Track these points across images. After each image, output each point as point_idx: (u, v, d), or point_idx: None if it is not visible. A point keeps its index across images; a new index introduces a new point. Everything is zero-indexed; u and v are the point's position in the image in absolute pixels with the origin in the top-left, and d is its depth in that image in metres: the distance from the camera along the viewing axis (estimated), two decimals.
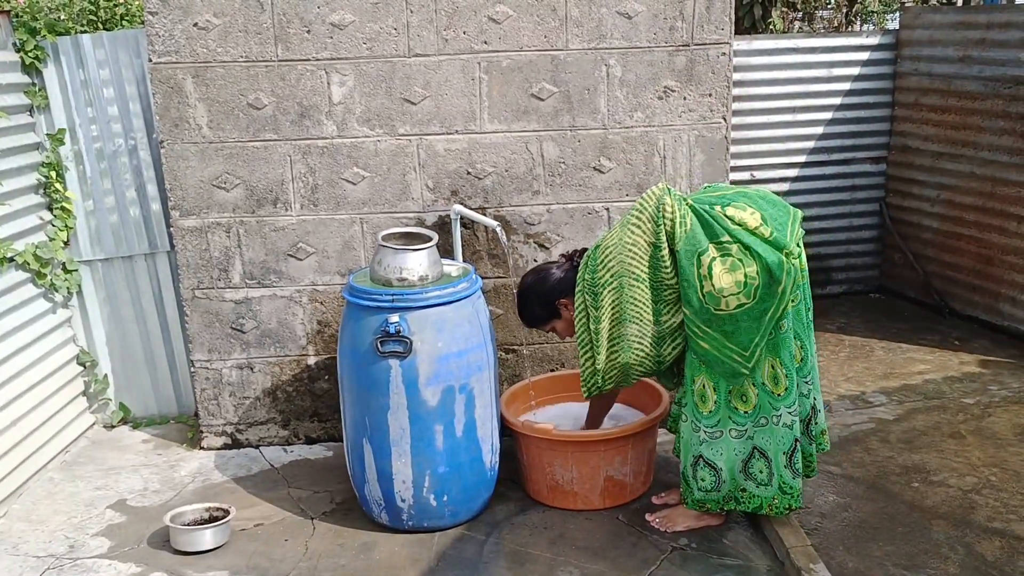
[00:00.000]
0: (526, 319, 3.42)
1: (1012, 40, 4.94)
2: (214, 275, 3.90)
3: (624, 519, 3.37)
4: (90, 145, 4.06)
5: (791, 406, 3.00)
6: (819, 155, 5.83)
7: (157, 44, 3.65)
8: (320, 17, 3.64)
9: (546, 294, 3.29)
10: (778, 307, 2.88)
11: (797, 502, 3.08)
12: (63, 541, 3.36)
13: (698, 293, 2.90)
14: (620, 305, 3.02)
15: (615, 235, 3.04)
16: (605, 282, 3.02)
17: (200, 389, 4.04)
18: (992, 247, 5.20)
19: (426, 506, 3.27)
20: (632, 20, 3.69)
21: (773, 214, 2.94)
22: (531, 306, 3.35)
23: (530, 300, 3.35)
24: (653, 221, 2.96)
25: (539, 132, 3.80)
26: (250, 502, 3.59)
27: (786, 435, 3.02)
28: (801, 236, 2.98)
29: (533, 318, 3.39)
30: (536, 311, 3.35)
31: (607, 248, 3.04)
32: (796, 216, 3.01)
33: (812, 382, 3.13)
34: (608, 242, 3.04)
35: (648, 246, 2.97)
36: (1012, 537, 3.13)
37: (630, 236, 2.99)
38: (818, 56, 5.68)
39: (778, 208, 2.98)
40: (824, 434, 3.23)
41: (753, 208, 2.93)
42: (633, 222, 3.00)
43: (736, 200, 2.97)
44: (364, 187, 3.83)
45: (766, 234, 2.88)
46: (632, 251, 2.99)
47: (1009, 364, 4.74)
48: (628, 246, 2.99)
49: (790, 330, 2.95)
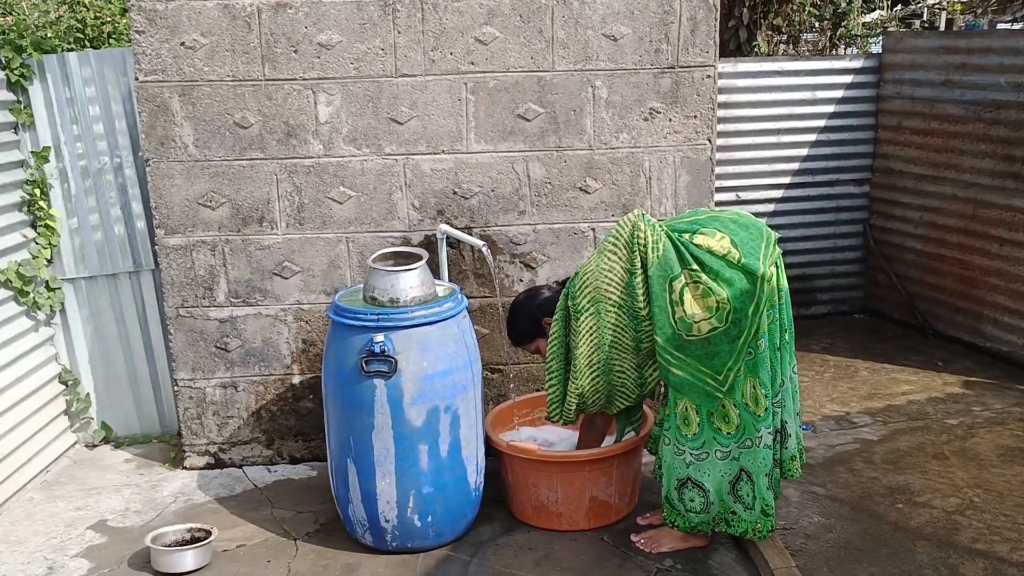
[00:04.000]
0: (513, 336, 3.45)
1: (992, 65, 5.01)
2: (199, 293, 3.89)
3: (609, 540, 3.36)
4: (75, 163, 4.05)
5: (770, 427, 3.00)
6: (803, 177, 5.87)
7: (144, 63, 3.65)
8: (307, 37, 3.65)
9: (533, 311, 3.35)
10: (750, 330, 2.89)
11: (775, 522, 3.10)
12: (42, 562, 3.32)
13: (670, 319, 2.92)
14: (599, 331, 3.04)
15: (593, 261, 3.07)
16: (583, 308, 3.05)
17: (183, 408, 4.01)
18: (975, 268, 5.24)
19: (410, 527, 3.25)
20: (618, 42, 3.72)
21: (744, 237, 2.94)
22: (518, 322, 3.40)
23: (519, 317, 3.40)
24: (628, 247, 2.99)
25: (525, 152, 3.82)
26: (233, 522, 3.56)
27: (766, 456, 3.02)
28: (777, 256, 2.99)
29: (520, 335, 3.43)
30: (522, 327, 3.40)
31: (585, 274, 3.07)
32: (770, 238, 3.01)
33: (781, 405, 3.07)
34: (587, 268, 3.08)
35: (624, 272, 3.00)
36: (995, 559, 3.13)
37: (607, 262, 3.02)
38: (802, 79, 5.73)
39: (750, 231, 2.98)
40: (794, 460, 3.16)
41: (723, 233, 2.94)
42: (610, 248, 3.03)
43: (708, 225, 2.99)
44: (350, 206, 3.83)
45: (735, 259, 2.89)
46: (608, 277, 3.01)
47: (992, 385, 4.77)
48: (604, 272, 3.02)
49: (767, 350, 2.96)
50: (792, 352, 3.10)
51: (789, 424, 3.12)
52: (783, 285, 3.01)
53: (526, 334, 3.41)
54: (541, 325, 3.32)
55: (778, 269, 2.98)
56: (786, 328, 3.05)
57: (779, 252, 3.01)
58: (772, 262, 2.95)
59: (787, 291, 3.04)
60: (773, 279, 2.95)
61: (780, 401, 3.06)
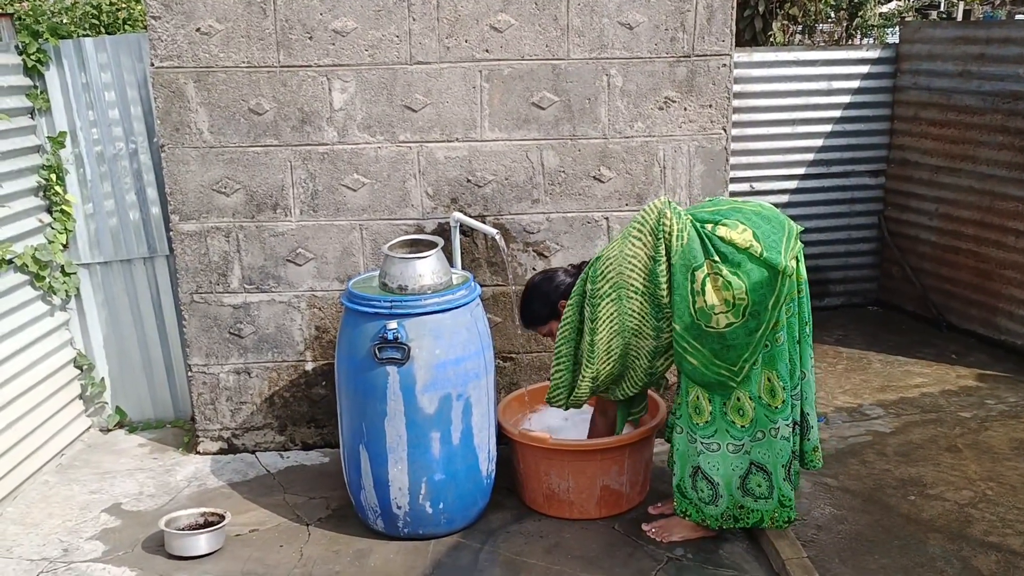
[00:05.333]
0: (525, 318, 3.43)
1: (1010, 55, 4.96)
2: (213, 280, 3.90)
3: (620, 529, 3.37)
4: (90, 148, 4.07)
5: (788, 419, 2.99)
6: (818, 168, 5.84)
7: (159, 48, 3.65)
8: (322, 24, 3.65)
9: (549, 293, 3.32)
10: (768, 323, 2.88)
11: (794, 513, 3.09)
12: (57, 545, 3.35)
13: (690, 308, 2.90)
14: (620, 317, 3.02)
15: (616, 247, 3.04)
16: (604, 293, 3.03)
17: (197, 394, 4.03)
18: (990, 261, 5.21)
19: (422, 513, 3.26)
20: (633, 31, 3.71)
21: (767, 231, 2.92)
22: (533, 304, 3.38)
23: (534, 298, 3.37)
24: (653, 235, 2.97)
25: (539, 141, 3.81)
26: (245, 507, 3.58)
27: (784, 448, 3.01)
28: (799, 250, 2.98)
29: (533, 316, 3.40)
30: (537, 309, 3.37)
31: (607, 260, 3.04)
32: (792, 231, 2.98)
33: (800, 397, 3.08)
34: (609, 253, 3.05)
35: (648, 259, 2.97)
36: (1008, 551, 3.12)
37: (631, 248, 3.00)
38: (818, 69, 5.69)
39: (773, 224, 2.96)
40: (816, 451, 3.20)
41: (745, 225, 2.92)
42: (634, 235, 3.01)
43: (730, 216, 2.97)
44: (364, 194, 3.83)
45: (756, 252, 2.87)
46: (632, 263, 2.99)
47: (1006, 378, 4.74)
48: (628, 258, 3.00)
49: (786, 342, 2.95)
50: (811, 345, 3.09)
51: (811, 415, 3.12)
52: (803, 278, 2.99)
53: (540, 316, 3.38)
54: (557, 308, 3.30)
55: (798, 263, 2.97)
56: (806, 321, 3.04)
57: (800, 246, 2.99)
58: (793, 256, 2.93)
59: (807, 284, 3.03)
60: (794, 274, 2.94)
61: (799, 393, 3.06)
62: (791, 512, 3.08)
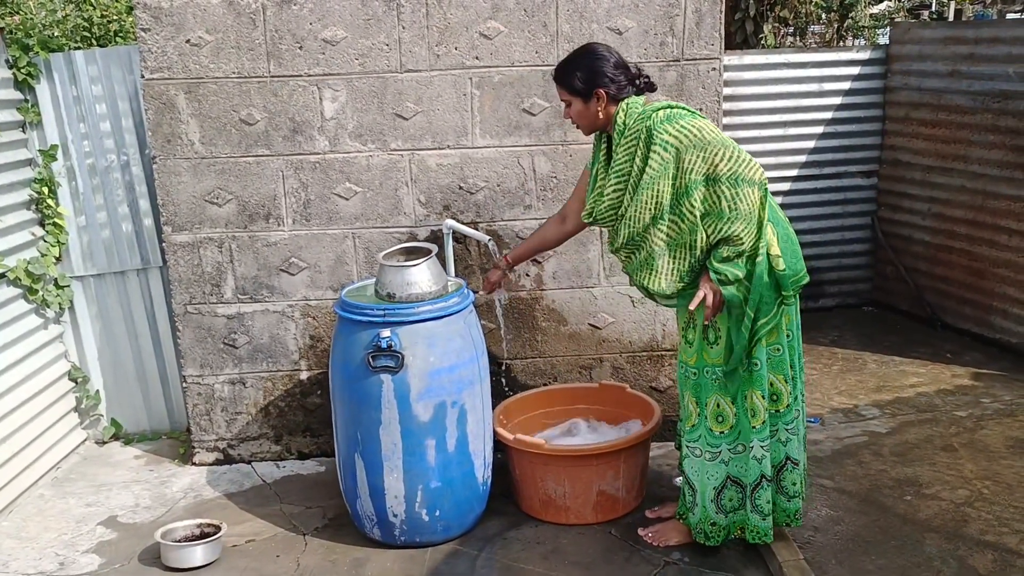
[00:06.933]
0: (561, 73, 3.04)
1: (1000, 55, 4.98)
2: (206, 290, 3.90)
3: (617, 534, 3.36)
4: (82, 161, 4.07)
5: (764, 441, 2.98)
6: (811, 169, 5.85)
7: (150, 60, 3.66)
8: (312, 33, 3.66)
9: (597, 74, 2.96)
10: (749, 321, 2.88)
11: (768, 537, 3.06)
12: (53, 558, 3.34)
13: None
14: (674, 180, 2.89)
15: (731, 145, 2.88)
16: (664, 143, 2.85)
17: (192, 404, 4.03)
18: (983, 260, 5.22)
19: (418, 521, 3.26)
20: (623, 36, 3.71)
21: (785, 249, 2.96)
22: (577, 69, 2.99)
23: (581, 66, 2.99)
24: (762, 187, 2.91)
25: (531, 147, 3.82)
26: (242, 518, 3.58)
27: (754, 467, 3.01)
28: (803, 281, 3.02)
29: (568, 78, 3.01)
30: (577, 76, 2.98)
31: (691, 122, 2.88)
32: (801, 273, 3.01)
33: (795, 431, 3.05)
34: (718, 136, 2.88)
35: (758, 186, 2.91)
36: (1005, 550, 3.13)
37: (746, 160, 2.89)
38: (809, 71, 5.71)
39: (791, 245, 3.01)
40: (796, 513, 3.12)
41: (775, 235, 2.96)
42: (753, 163, 2.91)
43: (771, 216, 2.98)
44: (356, 202, 3.83)
45: (779, 267, 2.90)
46: (741, 159, 2.86)
47: (1001, 377, 4.75)
48: (744, 157, 2.87)
49: (764, 368, 2.94)
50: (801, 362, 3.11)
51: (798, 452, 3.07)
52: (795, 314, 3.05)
53: (574, 87, 3.00)
54: (593, 90, 2.97)
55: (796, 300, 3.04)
56: (799, 355, 3.07)
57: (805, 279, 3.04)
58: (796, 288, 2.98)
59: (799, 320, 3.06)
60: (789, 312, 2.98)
61: (794, 428, 3.04)
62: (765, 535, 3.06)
